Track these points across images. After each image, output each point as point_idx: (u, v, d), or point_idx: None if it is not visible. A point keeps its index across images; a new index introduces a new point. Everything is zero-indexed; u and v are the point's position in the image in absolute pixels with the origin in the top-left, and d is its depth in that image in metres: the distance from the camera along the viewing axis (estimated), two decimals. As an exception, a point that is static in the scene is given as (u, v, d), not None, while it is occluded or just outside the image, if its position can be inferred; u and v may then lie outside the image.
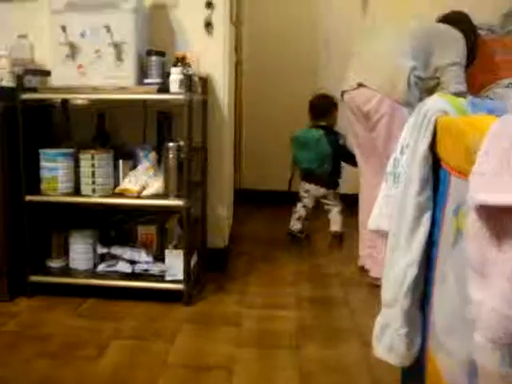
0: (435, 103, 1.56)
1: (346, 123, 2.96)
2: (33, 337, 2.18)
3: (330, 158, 3.38)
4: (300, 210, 3.48)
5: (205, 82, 2.69)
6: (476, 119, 1.22)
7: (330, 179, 3.44)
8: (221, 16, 2.73)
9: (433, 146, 1.54)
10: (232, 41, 2.89)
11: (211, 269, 2.85)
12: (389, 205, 1.72)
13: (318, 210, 3.57)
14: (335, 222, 3.46)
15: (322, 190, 3.44)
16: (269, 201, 4.22)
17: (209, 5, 2.72)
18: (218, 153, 2.85)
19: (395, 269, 1.64)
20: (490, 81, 3.02)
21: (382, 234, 1.78)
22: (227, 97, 2.82)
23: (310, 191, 3.46)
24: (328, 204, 3.47)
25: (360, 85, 2.70)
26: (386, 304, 1.68)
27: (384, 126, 2.65)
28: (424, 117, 1.57)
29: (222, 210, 2.90)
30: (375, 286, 2.74)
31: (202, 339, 2.19)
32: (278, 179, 4.25)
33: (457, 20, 2.84)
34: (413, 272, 1.58)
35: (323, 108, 3.46)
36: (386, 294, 1.68)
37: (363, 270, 2.93)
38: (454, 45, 2.70)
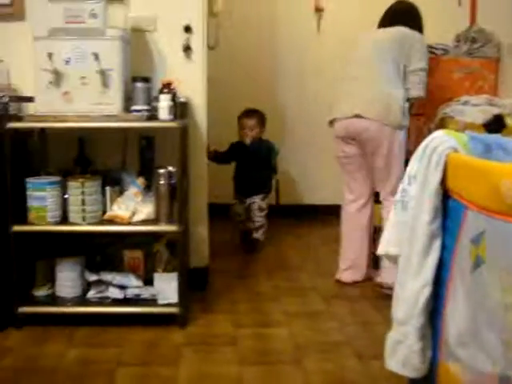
0: (443, 140, 1.70)
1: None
2: (35, 372, 2.15)
3: None
4: None
5: (185, 106, 2.73)
6: (503, 166, 1.38)
7: None
8: (200, 40, 2.79)
9: (443, 179, 1.70)
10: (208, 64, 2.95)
11: (193, 288, 2.89)
12: (398, 231, 1.85)
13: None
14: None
15: None
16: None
17: (187, 29, 2.77)
18: (198, 174, 2.91)
19: (407, 289, 1.78)
20: (446, 97, 3.27)
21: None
22: (205, 120, 2.88)
23: None
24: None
25: (357, 115, 2.92)
26: (398, 321, 1.81)
27: (385, 149, 2.93)
28: (433, 151, 1.71)
29: (202, 230, 2.96)
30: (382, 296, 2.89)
31: (205, 362, 2.25)
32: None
33: (412, 15, 3.09)
34: (426, 293, 1.73)
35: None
36: (398, 312, 1.81)
37: (340, 283, 3.08)
38: (423, 52, 3.01)
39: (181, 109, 2.51)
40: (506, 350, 1.38)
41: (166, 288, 2.55)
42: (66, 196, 2.48)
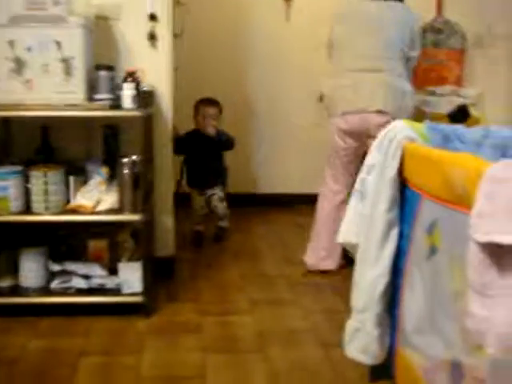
0: (401, 130, 1.73)
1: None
2: (-3, 362, 2.15)
3: None
4: None
5: (151, 95, 2.72)
6: (455, 155, 1.40)
7: None
8: (165, 28, 2.77)
9: (399, 169, 1.72)
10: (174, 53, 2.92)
11: (159, 277, 2.90)
12: (357, 220, 1.88)
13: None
14: None
15: None
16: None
17: (152, 17, 2.75)
18: (163, 164, 2.90)
19: (366, 278, 1.81)
20: (415, 87, 3.31)
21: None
22: (171, 110, 2.86)
23: None
24: None
25: (378, 111, 2.89)
26: (357, 310, 1.85)
27: None
28: (390, 142, 1.74)
29: (168, 219, 2.95)
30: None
31: (169, 349, 2.26)
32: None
33: None
34: (383, 281, 1.76)
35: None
36: (357, 300, 1.84)
37: (312, 272, 3.12)
38: (418, 34, 2.99)
39: (145, 97, 2.50)
40: (458, 337, 1.41)
41: (131, 277, 2.54)
42: (28, 186, 2.46)
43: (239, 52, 4.32)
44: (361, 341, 1.83)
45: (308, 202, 3.23)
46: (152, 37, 2.76)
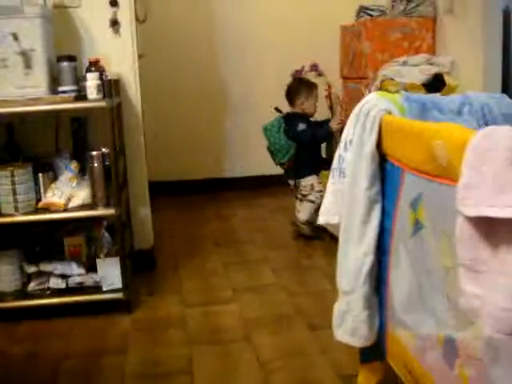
0: (376, 102, 1.66)
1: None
2: (-25, 371, 2.06)
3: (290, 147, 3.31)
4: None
5: (117, 84, 2.62)
6: (437, 126, 1.33)
7: (294, 169, 3.35)
8: (127, 14, 2.66)
9: (378, 143, 1.66)
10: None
11: (140, 270, 2.82)
12: (337, 199, 1.81)
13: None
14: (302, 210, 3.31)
15: (291, 182, 3.38)
16: (180, 191, 4.23)
17: (113, 3, 2.63)
18: (135, 154, 2.81)
19: (349, 258, 1.75)
20: (385, 59, 3.23)
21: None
22: (139, 97, 2.77)
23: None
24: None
25: None
26: (344, 292, 1.79)
27: None
28: (366, 115, 1.67)
29: (145, 211, 2.87)
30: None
31: (153, 345, 2.19)
32: (186, 169, 4.29)
33: None
34: (369, 260, 1.70)
35: (288, 94, 3.41)
36: (343, 282, 1.79)
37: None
38: None
39: (110, 87, 2.39)
40: (450, 314, 1.36)
41: (110, 273, 2.47)
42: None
43: (207, 35, 4.22)
44: (349, 323, 1.77)
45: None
46: (114, 23, 2.66)
